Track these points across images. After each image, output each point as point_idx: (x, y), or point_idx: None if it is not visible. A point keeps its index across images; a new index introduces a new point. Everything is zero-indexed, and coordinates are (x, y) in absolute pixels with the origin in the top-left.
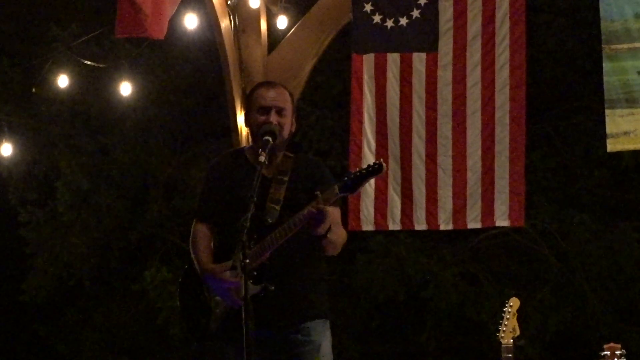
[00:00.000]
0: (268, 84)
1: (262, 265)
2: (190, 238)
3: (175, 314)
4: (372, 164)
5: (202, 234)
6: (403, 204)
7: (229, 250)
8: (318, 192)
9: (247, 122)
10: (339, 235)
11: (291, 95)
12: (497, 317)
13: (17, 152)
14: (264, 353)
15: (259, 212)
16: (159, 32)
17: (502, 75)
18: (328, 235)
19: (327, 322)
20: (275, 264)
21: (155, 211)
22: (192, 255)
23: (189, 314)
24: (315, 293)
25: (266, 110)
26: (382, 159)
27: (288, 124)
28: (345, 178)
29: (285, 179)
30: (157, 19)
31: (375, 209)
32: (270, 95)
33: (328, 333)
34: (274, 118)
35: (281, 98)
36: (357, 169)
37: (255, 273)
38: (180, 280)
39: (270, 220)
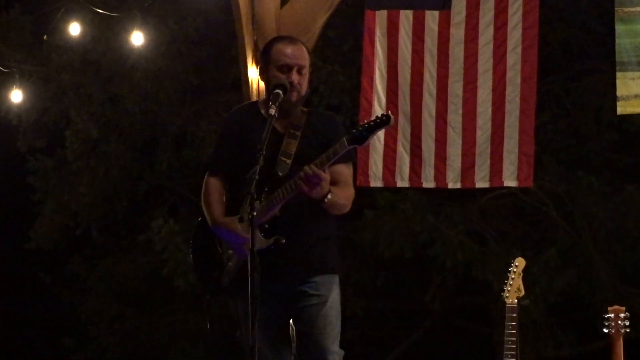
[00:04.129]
0: (288, 39)
1: (274, 219)
2: (203, 191)
3: (181, 266)
4: (380, 115)
5: (214, 187)
6: (412, 161)
7: (240, 203)
8: (322, 156)
9: (264, 77)
10: (342, 197)
11: (308, 51)
12: (503, 277)
13: (27, 99)
14: (272, 305)
15: (270, 166)
16: None
17: (515, 35)
18: (326, 200)
19: (336, 277)
20: (286, 217)
21: (164, 162)
22: (204, 209)
23: (201, 268)
24: (325, 248)
25: (288, 68)
26: (389, 111)
27: (306, 82)
28: (354, 130)
29: (298, 133)
30: None
31: (384, 165)
32: (291, 53)
33: (336, 287)
34: (295, 77)
35: (302, 56)
36: (366, 121)
37: (267, 226)
38: (193, 233)
39: (280, 174)
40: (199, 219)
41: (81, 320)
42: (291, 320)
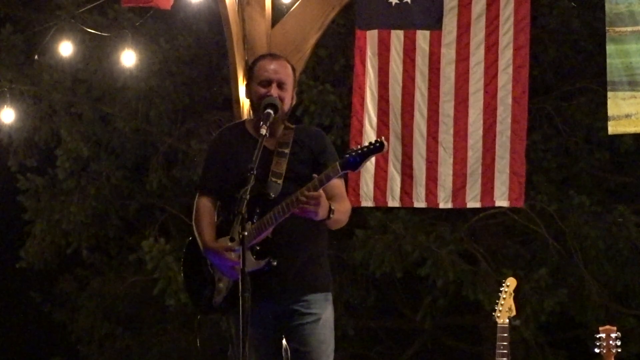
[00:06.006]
0: (270, 56)
1: (266, 240)
2: (194, 212)
3: (172, 285)
4: (373, 141)
5: (205, 209)
6: (403, 181)
7: (231, 223)
8: (315, 175)
9: (248, 94)
10: (341, 211)
11: (293, 68)
12: (494, 296)
13: (18, 118)
14: (265, 324)
15: (262, 186)
16: (166, 2)
17: (506, 55)
18: (332, 216)
19: (329, 295)
20: (278, 238)
21: (155, 181)
22: (195, 231)
23: (192, 287)
24: (317, 266)
25: (268, 82)
26: (383, 137)
27: (289, 98)
28: (347, 155)
29: (287, 151)
30: None
31: (375, 185)
32: (272, 68)
33: (329, 306)
34: (274, 91)
35: (283, 71)
36: (359, 146)
37: (258, 248)
38: (183, 252)
39: (273, 195)
40: (190, 238)
41: (72, 340)
42: (284, 340)
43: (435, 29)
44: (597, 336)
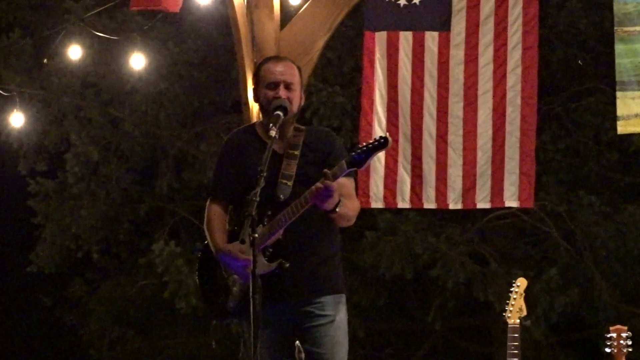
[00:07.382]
0: (275, 58)
1: (278, 242)
2: (205, 217)
3: (182, 288)
4: (378, 137)
5: (216, 213)
6: (413, 182)
7: (242, 227)
8: (326, 170)
9: (256, 97)
10: (349, 208)
11: (299, 69)
12: (504, 297)
13: (27, 123)
14: (279, 326)
15: (271, 188)
16: (174, 5)
17: (514, 56)
18: (338, 210)
19: (343, 297)
20: (290, 240)
21: (165, 185)
22: (207, 235)
23: (207, 292)
24: (330, 268)
25: (275, 85)
26: (388, 133)
27: (297, 98)
28: (353, 153)
29: (297, 153)
30: None
31: (385, 186)
32: (278, 70)
33: (343, 307)
34: (282, 92)
35: (289, 72)
36: (364, 143)
37: (270, 250)
38: (198, 257)
39: (282, 197)
40: (205, 242)
41: (82, 343)
42: (297, 342)
43: (443, 30)
44: (608, 336)
